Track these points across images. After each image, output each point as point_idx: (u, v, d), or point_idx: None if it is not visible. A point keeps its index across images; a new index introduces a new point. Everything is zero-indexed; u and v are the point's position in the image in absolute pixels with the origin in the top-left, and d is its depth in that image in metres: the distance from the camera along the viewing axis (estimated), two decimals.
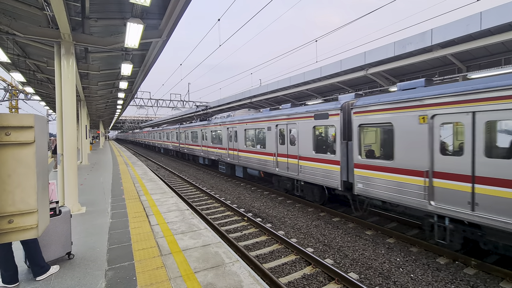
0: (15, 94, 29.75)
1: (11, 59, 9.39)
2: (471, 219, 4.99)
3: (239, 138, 13.41)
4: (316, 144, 8.94)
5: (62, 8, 5.46)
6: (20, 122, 1.31)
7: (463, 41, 8.10)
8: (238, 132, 13.55)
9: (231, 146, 14.31)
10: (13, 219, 1.28)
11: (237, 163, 14.03)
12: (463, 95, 5.16)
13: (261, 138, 11.90)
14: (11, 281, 3.59)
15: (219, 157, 16.09)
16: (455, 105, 5.26)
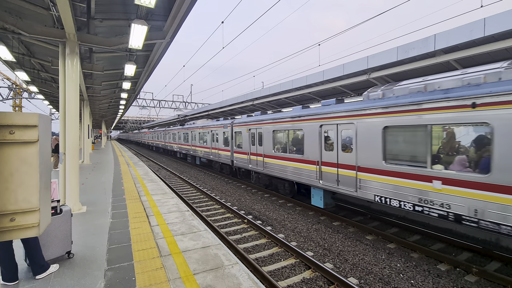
0: (19, 93, 29.97)
1: (16, 58, 9.49)
2: (336, 190, 8.05)
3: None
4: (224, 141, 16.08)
5: (67, 8, 5.51)
6: (24, 121, 1.31)
7: (466, 47, 8.09)
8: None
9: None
10: (15, 217, 1.28)
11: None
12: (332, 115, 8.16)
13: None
14: (11, 279, 3.59)
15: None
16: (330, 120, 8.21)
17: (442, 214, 5.44)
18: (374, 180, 6.83)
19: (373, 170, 6.85)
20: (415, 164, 6.00)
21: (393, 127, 6.43)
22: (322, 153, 8.54)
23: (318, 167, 8.65)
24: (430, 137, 5.69)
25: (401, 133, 6.37)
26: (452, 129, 5.57)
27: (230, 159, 15.08)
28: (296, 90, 15.40)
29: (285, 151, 10.39)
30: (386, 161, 6.57)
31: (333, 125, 8.09)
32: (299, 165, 9.54)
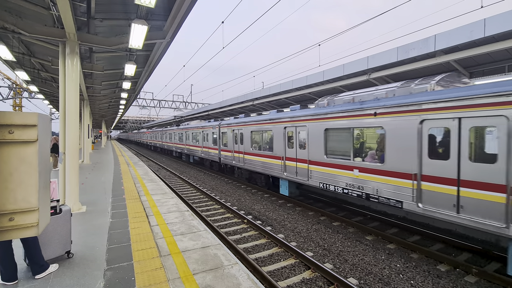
0: (19, 92, 29.97)
1: (16, 58, 9.49)
2: (295, 180, 9.71)
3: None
4: (213, 140, 17.33)
5: (68, 8, 5.51)
6: (23, 120, 1.31)
7: (467, 47, 8.09)
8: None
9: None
10: (14, 217, 1.28)
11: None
12: (292, 119, 9.78)
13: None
14: (10, 279, 3.59)
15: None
16: (291, 123, 9.87)
17: (359, 194, 7.23)
18: (319, 171, 8.63)
19: (318, 163, 8.64)
20: (344, 157, 7.81)
21: (330, 129, 8.24)
22: (286, 150, 10.25)
23: (283, 162, 10.38)
24: (352, 137, 7.55)
25: (335, 134, 8.19)
26: (364, 130, 7.63)
27: (218, 156, 16.61)
28: (296, 90, 15.41)
29: (260, 149, 12.14)
30: (327, 155, 8.37)
31: (293, 127, 9.82)
32: (270, 160, 11.23)
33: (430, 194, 5.63)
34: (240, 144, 13.64)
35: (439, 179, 5.48)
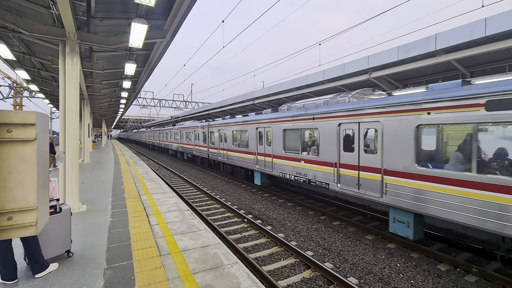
0: (19, 92, 29.98)
1: (17, 57, 9.48)
2: (264, 172, 11.63)
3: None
4: (203, 139, 19.10)
5: (67, 7, 5.50)
6: (22, 119, 1.31)
7: (467, 46, 8.07)
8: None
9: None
10: (13, 216, 1.28)
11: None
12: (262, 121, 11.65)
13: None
14: (10, 278, 3.59)
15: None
16: (261, 124, 11.77)
17: (304, 180, 9.35)
18: (279, 163, 10.70)
19: (279, 157, 10.73)
20: (295, 152, 9.94)
21: (287, 130, 10.33)
22: (257, 147, 12.20)
23: (255, 157, 12.42)
24: (300, 136, 9.76)
25: (290, 133, 10.28)
26: (308, 131, 9.74)
27: (207, 153, 18.65)
28: (297, 89, 15.40)
29: (239, 146, 14.18)
30: (285, 150, 10.42)
31: (262, 128, 11.87)
32: (246, 156, 13.23)
33: (344, 177, 7.74)
34: (224, 142, 15.75)
35: (349, 166, 7.59)
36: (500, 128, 4.86)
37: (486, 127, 4.98)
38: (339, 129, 7.88)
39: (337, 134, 7.90)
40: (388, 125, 6.52)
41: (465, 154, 5.27)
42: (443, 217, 5.46)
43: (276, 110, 11.76)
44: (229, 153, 15.01)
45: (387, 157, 6.56)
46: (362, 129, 7.20)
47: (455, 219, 5.25)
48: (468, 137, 5.23)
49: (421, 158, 5.99)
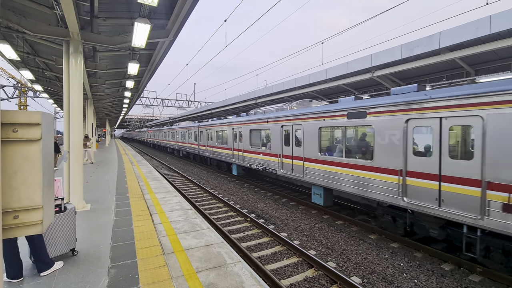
0: (24, 92, 30.23)
1: (21, 57, 9.56)
2: (239, 164, 14.17)
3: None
4: (195, 138, 21.88)
5: (71, 7, 5.54)
6: (27, 119, 1.32)
7: (472, 44, 7.99)
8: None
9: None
10: (19, 215, 1.29)
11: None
12: (237, 122, 14.22)
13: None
14: (16, 276, 3.63)
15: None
16: (236, 125, 14.34)
17: (262, 168, 11.97)
18: (247, 156, 13.35)
19: (247, 151, 13.34)
20: (257, 147, 12.63)
21: (252, 130, 12.98)
22: (233, 144, 14.87)
23: (232, 152, 15.08)
24: (260, 135, 12.53)
25: (254, 133, 12.95)
26: (265, 131, 12.12)
27: (198, 150, 21.58)
28: (299, 88, 15.37)
29: (221, 143, 16.75)
30: (251, 146, 13.05)
31: (236, 128, 14.53)
32: (226, 151, 15.99)
33: (285, 164, 10.50)
34: (210, 140, 18.52)
35: (287, 156, 10.35)
36: (357, 129, 8.05)
37: (348, 128, 7.99)
38: (281, 129, 10.56)
39: (281, 133, 10.61)
40: (307, 127, 9.18)
41: (341, 145, 8.14)
42: (337, 188, 8.11)
43: (249, 114, 14.13)
44: (214, 149, 17.86)
45: (306, 149, 9.26)
46: (294, 129, 9.93)
47: (342, 189, 7.88)
48: (340, 134, 8.27)
49: (321, 149, 8.77)
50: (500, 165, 4.65)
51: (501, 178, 4.62)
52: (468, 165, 5.06)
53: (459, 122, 5.28)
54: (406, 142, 6.09)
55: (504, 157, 4.60)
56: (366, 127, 7.37)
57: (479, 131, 4.90)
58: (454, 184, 5.25)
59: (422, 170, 5.78)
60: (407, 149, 6.08)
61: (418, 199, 5.82)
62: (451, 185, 5.30)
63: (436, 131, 5.56)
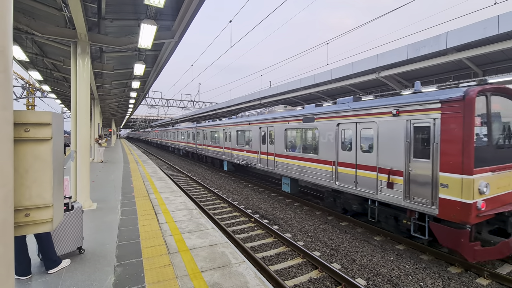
0: (32, 92, 30.71)
1: (30, 58, 9.72)
2: (229, 160, 16.53)
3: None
4: (193, 137, 23.96)
5: (79, 8, 5.61)
6: (38, 119, 1.35)
7: (480, 44, 7.89)
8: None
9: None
10: (30, 213, 1.32)
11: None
12: (227, 124, 16.57)
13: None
14: (24, 274, 3.69)
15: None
16: (227, 126, 16.50)
17: (246, 164, 13.76)
18: (234, 153, 15.38)
19: (235, 149, 15.37)
20: (242, 146, 14.44)
21: (238, 130, 14.91)
22: (224, 143, 16.84)
23: (223, 150, 17.10)
24: (244, 135, 14.28)
25: (240, 133, 14.86)
26: (248, 132, 13.81)
27: (195, 149, 23.66)
28: (304, 89, 15.34)
29: (215, 143, 18.71)
30: (237, 144, 15.06)
31: (227, 129, 16.48)
32: (218, 149, 18.00)
33: (262, 160, 12.37)
34: (205, 140, 20.71)
35: (263, 153, 12.21)
36: (310, 130, 9.65)
37: (304, 130, 9.92)
38: (260, 130, 12.56)
39: (259, 134, 12.61)
40: (277, 128, 11.18)
41: (300, 143, 10.19)
42: (298, 178, 10.17)
43: (238, 117, 16.09)
44: (209, 148, 20.05)
45: (276, 146, 11.23)
46: (268, 130, 11.89)
47: (302, 178, 9.81)
48: (299, 135, 10.29)
49: (287, 146, 10.68)
50: (383, 156, 6.67)
51: (384, 164, 6.64)
52: (370, 156, 7.07)
53: (365, 126, 7.28)
54: (337, 140, 8.13)
55: (385, 150, 6.63)
56: (314, 129, 9.22)
57: (375, 132, 6.91)
58: (363, 170, 7.26)
59: (347, 161, 7.84)
60: (338, 146, 8.12)
61: (344, 183, 7.87)
62: (361, 171, 7.32)
63: (353, 132, 7.59)
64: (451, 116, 5.37)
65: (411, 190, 6.05)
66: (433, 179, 5.61)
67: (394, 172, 6.36)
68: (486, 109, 5.61)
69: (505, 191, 5.69)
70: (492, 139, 5.71)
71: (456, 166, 5.22)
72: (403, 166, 6.16)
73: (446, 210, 5.36)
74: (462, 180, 5.13)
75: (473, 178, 5.06)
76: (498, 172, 5.54)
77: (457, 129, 5.25)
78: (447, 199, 5.35)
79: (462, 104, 5.21)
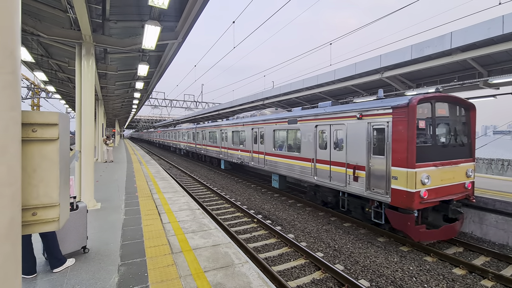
0: (37, 93, 31.02)
1: (35, 59, 9.83)
2: (224, 159, 17.96)
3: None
4: (193, 137, 25.28)
5: (84, 10, 5.67)
6: (45, 119, 1.37)
7: (484, 45, 7.83)
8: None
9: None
10: (37, 212, 1.34)
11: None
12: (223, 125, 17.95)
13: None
14: (30, 272, 3.73)
15: None
16: (224, 127, 17.72)
17: (240, 162, 15.00)
18: (231, 152, 16.44)
19: (230, 148, 16.48)
20: (237, 145, 15.44)
21: (233, 131, 16.01)
22: (221, 143, 17.95)
23: (220, 149, 18.19)
24: (239, 135, 15.16)
25: (235, 134, 15.86)
26: (242, 132, 14.82)
27: (195, 148, 24.90)
28: (307, 89, 15.31)
29: (213, 142, 19.79)
30: (233, 144, 16.05)
31: (224, 130, 17.54)
32: (216, 149, 19.12)
33: (254, 158, 13.49)
34: (204, 140, 21.92)
35: (256, 152, 13.29)
36: (293, 131, 10.74)
37: (289, 131, 10.99)
38: (252, 131, 13.71)
39: (251, 134, 13.74)
40: (267, 129, 12.33)
41: (286, 143, 11.27)
42: (285, 174, 11.21)
43: (231, 119, 17.62)
44: (207, 147, 21.14)
45: (266, 146, 12.37)
46: (260, 131, 13.00)
47: (288, 175, 10.88)
48: (285, 135, 11.29)
49: (275, 145, 11.86)
50: (351, 153, 7.70)
51: (351, 160, 7.66)
52: (341, 154, 8.10)
53: (337, 127, 8.28)
54: (315, 140, 9.17)
55: (352, 148, 7.67)
56: (297, 130, 10.23)
57: (344, 133, 7.93)
58: (336, 166, 8.29)
59: (323, 158, 8.87)
60: (316, 145, 9.16)
61: (321, 177, 8.92)
62: (334, 167, 8.35)
63: (328, 133, 8.63)
64: (399, 120, 6.37)
65: (371, 182, 7.09)
66: (387, 173, 6.61)
67: (359, 167, 7.41)
68: (431, 114, 6.69)
69: (449, 183, 6.65)
70: (437, 138, 6.83)
71: (403, 161, 6.21)
72: (365, 162, 7.21)
73: (396, 198, 6.35)
74: (407, 173, 6.10)
75: (415, 171, 6.03)
76: (441, 166, 6.51)
77: (403, 130, 6.23)
78: (397, 189, 6.35)
79: (407, 110, 6.19)
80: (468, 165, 7.06)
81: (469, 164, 7.10)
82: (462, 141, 7.24)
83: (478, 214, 7.27)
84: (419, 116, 6.43)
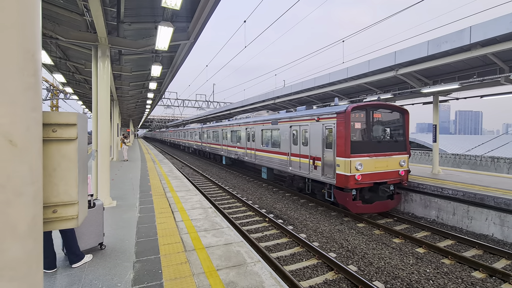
0: (56, 94, 32.14)
1: (54, 62, 10.17)
2: (224, 155, 20.71)
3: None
4: (199, 136, 28.59)
5: (100, 13, 5.82)
6: (65, 119, 1.40)
7: (506, 39, 7.47)
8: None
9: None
10: (57, 209, 1.38)
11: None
12: (221, 126, 21.48)
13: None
14: (50, 267, 3.88)
15: None
16: (224, 127, 20.69)
17: (237, 157, 17.76)
18: (230, 149, 18.63)
19: (229, 146, 18.79)
20: (234, 143, 18.16)
21: (233, 130, 18.30)
22: (222, 141, 20.34)
23: (221, 147, 20.66)
24: (236, 134, 17.82)
25: (234, 133, 18.23)
26: (239, 131, 17.42)
27: (201, 146, 27.73)
28: (319, 88, 15.12)
29: (216, 141, 22.17)
30: (231, 142, 18.45)
31: (225, 129, 19.79)
32: (218, 146, 21.62)
33: (247, 154, 15.69)
34: (209, 138, 24.53)
35: (249, 148, 15.54)
36: (275, 131, 12.74)
37: (272, 130, 13.00)
38: (246, 130, 15.85)
39: (246, 133, 15.82)
40: (256, 128, 14.44)
41: (270, 140, 13.12)
42: (270, 167, 13.30)
43: (230, 120, 19.66)
44: (211, 145, 23.73)
45: (256, 143, 14.47)
46: (251, 130, 15.18)
47: (273, 167, 12.91)
48: (270, 134, 13.24)
49: (262, 142, 13.83)
50: (312, 147, 9.75)
51: (313, 153, 9.72)
52: (306, 148, 10.14)
53: (304, 128, 10.35)
54: (290, 137, 11.28)
55: (313, 144, 9.72)
56: (278, 130, 12.37)
57: (309, 132, 9.99)
58: (303, 158, 10.31)
59: (295, 152, 10.97)
60: (291, 141, 11.28)
61: (294, 168, 11.04)
62: (302, 159, 10.41)
63: (299, 132, 10.72)
64: (340, 122, 8.47)
65: (324, 169, 9.16)
66: (334, 162, 8.64)
67: (317, 158, 9.46)
68: (365, 118, 8.81)
69: (383, 170, 8.62)
70: (371, 136, 8.92)
71: (342, 152, 8.30)
72: (321, 154, 9.28)
73: (339, 181, 8.39)
74: (345, 161, 8.20)
75: (350, 160, 8.13)
76: (375, 157, 8.53)
77: (342, 130, 8.32)
78: (339, 174, 8.39)
79: (344, 115, 8.28)
80: (401, 157, 8.98)
81: (402, 156, 9.00)
82: (396, 138, 9.25)
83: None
84: (355, 120, 8.53)
